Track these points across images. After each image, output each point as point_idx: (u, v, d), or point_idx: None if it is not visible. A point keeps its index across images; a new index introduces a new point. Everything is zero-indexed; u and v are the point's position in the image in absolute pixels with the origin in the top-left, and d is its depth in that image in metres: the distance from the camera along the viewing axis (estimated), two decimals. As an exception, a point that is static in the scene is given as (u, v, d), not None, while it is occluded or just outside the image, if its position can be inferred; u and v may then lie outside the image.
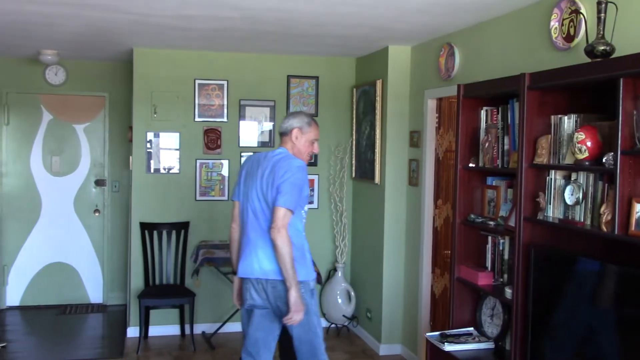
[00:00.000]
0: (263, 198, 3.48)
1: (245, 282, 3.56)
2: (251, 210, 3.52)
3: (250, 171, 3.60)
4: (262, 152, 3.68)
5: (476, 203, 4.01)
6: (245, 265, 3.53)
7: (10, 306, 6.94)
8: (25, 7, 4.22)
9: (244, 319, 3.67)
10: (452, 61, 4.70)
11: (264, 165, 3.53)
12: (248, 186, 3.56)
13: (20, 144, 6.92)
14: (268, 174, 3.48)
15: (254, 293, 3.52)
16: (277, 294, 3.47)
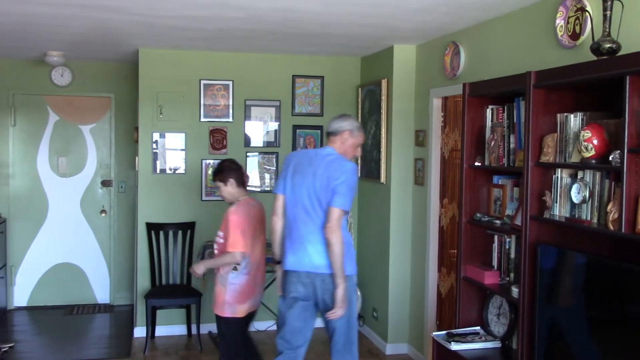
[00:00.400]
0: (315, 196, 3.61)
1: (292, 274, 3.68)
2: (301, 207, 3.65)
3: (298, 168, 3.70)
4: (309, 150, 3.85)
5: (482, 202, 4.00)
6: (294, 259, 3.67)
7: (18, 306, 6.97)
8: (31, 9, 4.23)
9: (283, 307, 3.76)
10: (458, 60, 4.69)
11: (316, 164, 3.65)
12: (297, 183, 3.67)
13: (26, 145, 6.94)
14: (321, 173, 3.61)
15: (300, 286, 3.66)
16: (326, 287, 3.61)
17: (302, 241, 3.64)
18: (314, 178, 3.62)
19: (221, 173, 4.14)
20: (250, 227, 4.06)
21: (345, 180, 3.58)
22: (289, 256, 3.69)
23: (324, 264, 3.60)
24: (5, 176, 6.84)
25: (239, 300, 4.06)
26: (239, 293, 4.05)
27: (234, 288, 4.05)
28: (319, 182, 3.60)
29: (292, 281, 3.69)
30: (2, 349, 5.48)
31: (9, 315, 6.74)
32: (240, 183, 4.17)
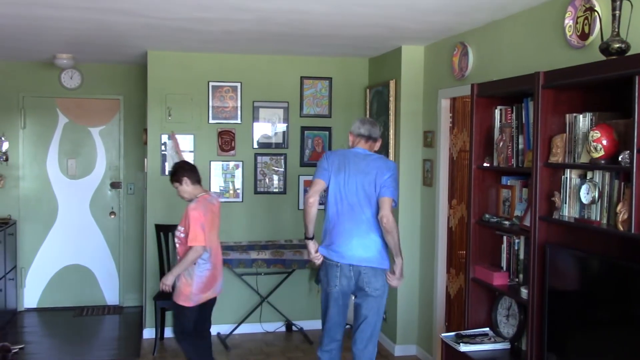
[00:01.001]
0: (364, 193, 3.93)
1: (335, 267, 3.97)
2: (347, 203, 3.95)
3: (342, 167, 3.98)
4: (346, 150, 4.11)
5: (491, 203, 3.99)
6: (339, 253, 3.96)
7: (28, 308, 7.01)
8: (40, 12, 4.26)
9: (326, 303, 4.08)
10: (466, 60, 4.68)
11: (362, 164, 3.98)
12: (343, 180, 3.96)
13: (36, 148, 6.98)
14: (370, 171, 3.95)
15: (343, 279, 3.96)
16: (366, 279, 3.94)
17: (349, 235, 3.93)
18: (364, 176, 3.94)
19: (175, 174, 4.44)
20: (209, 221, 4.33)
21: (392, 175, 3.96)
22: (333, 249, 3.98)
23: (366, 257, 3.93)
24: (16, 178, 6.89)
25: (203, 290, 4.36)
26: (204, 284, 4.36)
27: (200, 280, 4.34)
28: (367, 180, 3.92)
29: (335, 275, 3.97)
30: (13, 350, 5.51)
31: (19, 316, 6.78)
32: (195, 181, 4.45)
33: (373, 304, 4.01)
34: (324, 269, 4.06)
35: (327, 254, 4.02)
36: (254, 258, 5.76)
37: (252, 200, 6.23)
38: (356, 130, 4.10)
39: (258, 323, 6.19)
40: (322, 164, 4.05)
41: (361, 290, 3.99)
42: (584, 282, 3.11)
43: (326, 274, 4.02)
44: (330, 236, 4.01)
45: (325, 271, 4.04)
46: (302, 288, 6.32)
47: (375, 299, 4.00)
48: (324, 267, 4.05)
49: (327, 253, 4.02)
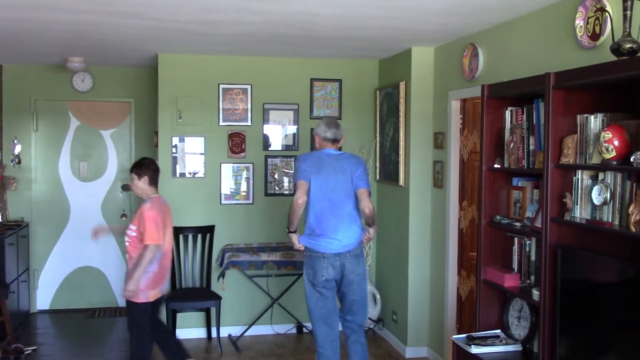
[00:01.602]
0: (343, 190, 4.32)
1: (322, 259, 4.30)
2: (329, 200, 4.31)
3: (319, 167, 4.32)
4: (319, 152, 4.43)
5: (502, 204, 3.98)
6: (325, 245, 4.29)
7: (41, 310, 7.05)
8: (52, 15, 4.29)
9: (315, 295, 4.36)
10: (476, 62, 4.67)
11: (338, 164, 4.38)
12: (322, 180, 4.31)
13: (48, 150, 7.03)
14: (345, 169, 4.35)
15: (330, 268, 4.29)
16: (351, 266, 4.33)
17: (334, 229, 4.28)
18: (341, 174, 4.33)
19: (139, 167, 4.54)
20: (162, 221, 4.46)
21: (364, 169, 4.44)
22: (320, 242, 4.30)
23: (350, 246, 4.31)
24: (28, 181, 6.94)
25: (151, 287, 4.46)
26: (152, 280, 4.46)
27: (148, 277, 4.43)
28: (344, 177, 4.33)
29: (322, 265, 4.29)
30: (26, 351, 5.54)
31: (32, 318, 6.82)
32: (153, 182, 4.57)
33: (357, 288, 4.39)
34: (309, 264, 4.36)
35: (313, 246, 4.33)
36: (264, 260, 5.77)
37: (263, 202, 6.24)
38: (322, 134, 4.44)
39: (269, 325, 6.19)
40: (300, 167, 4.34)
41: (345, 278, 4.34)
42: (596, 284, 3.09)
43: (312, 266, 4.32)
44: (315, 231, 4.32)
45: (311, 264, 4.34)
46: (313, 290, 6.32)
47: (359, 283, 4.40)
48: (310, 261, 4.35)
49: (313, 246, 4.33)
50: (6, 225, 6.29)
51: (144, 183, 4.52)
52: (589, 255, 3.11)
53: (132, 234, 4.47)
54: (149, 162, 4.61)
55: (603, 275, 3.05)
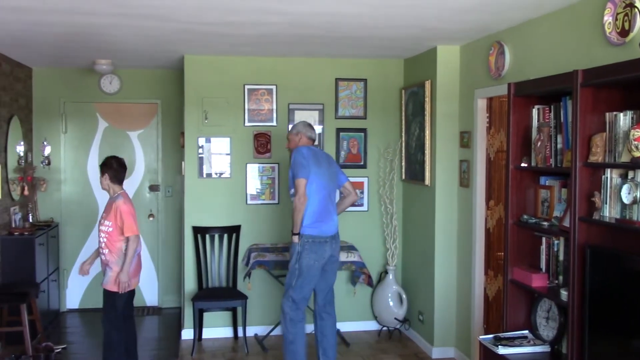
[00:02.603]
0: (332, 183, 4.90)
1: (324, 242, 4.75)
2: (325, 191, 4.80)
3: (317, 162, 4.77)
4: (313, 148, 4.86)
5: (529, 203, 3.94)
6: (326, 229, 4.77)
7: (70, 309, 7.16)
8: (80, 19, 4.35)
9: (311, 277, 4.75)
10: (502, 60, 4.63)
11: (327, 161, 4.93)
12: (320, 173, 4.77)
13: (77, 152, 7.13)
14: (330, 165, 4.93)
15: (328, 248, 4.77)
16: (336, 246, 4.87)
17: (330, 217, 4.81)
18: (330, 169, 4.89)
19: (102, 166, 4.84)
20: (135, 213, 4.77)
21: (338, 165, 5.18)
22: (322, 228, 4.74)
23: (336, 227, 4.88)
24: (57, 182, 7.05)
25: (133, 275, 4.77)
26: (134, 270, 4.77)
27: (132, 266, 4.73)
28: (332, 172, 4.90)
29: (324, 248, 4.74)
30: (56, 350, 5.63)
31: (62, 317, 6.93)
32: (116, 180, 4.81)
33: (335, 267, 4.94)
34: (313, 249, 4.70)
35: (319, 232, 4.73)
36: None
37: (288, 202, 6.25)
38: (307, 134, 4.91)
39: (295, 324, 6.20)
40: (302, 162, 4.69)
41: (332, 258, 4.82)
42: (626, 284, 3.04)
43: (315, 251, 4.71)
44: (318, 220, 4.74)
45: (315, 250, 4.71)
46: (339, 290, 6.29)
47: (337, 262, 4.95)
48: (314, 247, 4.70)
49: (319, 232, 4.73)
50: (36, 225, 6.40)
51: (106, 180, 4.78)
52: (619, 255, 3.06)
53: (109, 229, 4.69)
54: (111, 161, 4.83)
55: (633, 276, 3.00)
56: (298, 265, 4.72)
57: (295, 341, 4.79)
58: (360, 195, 6.31)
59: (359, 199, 4.86)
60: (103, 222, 4.75)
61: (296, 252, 4.71)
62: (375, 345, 5.94)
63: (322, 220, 4.76)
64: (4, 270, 5.79)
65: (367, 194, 6.35)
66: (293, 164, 4.72)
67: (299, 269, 4.72)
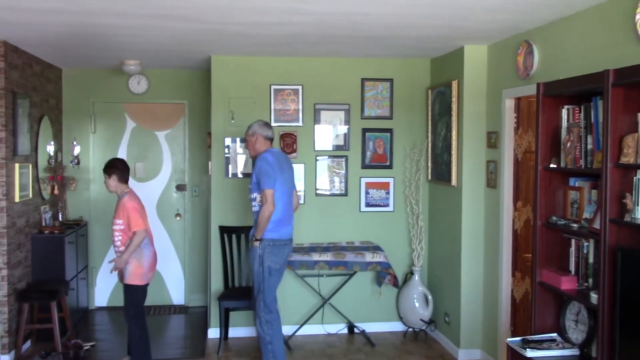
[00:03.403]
0: (292, 185, 5.03)
1: (285, 245, 4.88)
2: (287, 196, 4.90)
3: (280, 167, 4.85)
4: (275, 151, 4.99)
5: (558, 205, 3.89)
6: (287, 232, 4.91)
7: (99, 306, 7.25)
8: (109, 20, 4.41)
9: (276, 279, 4.89)
10: (531, 59, 4.58)
11: (287, 164, 5.03)
12: (283, 179, 4.85)
13: (106, 151, 7.21)
14: (291, 167, 5.07)
15: (288, 250, 4.93)
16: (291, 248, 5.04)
17: (290, 220, 4.96)
18: (291, 173, 5.04)
19: (109, 168, 5.02)
20: (143, 210, 4.98)
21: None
22: (284, 231, 4.87)
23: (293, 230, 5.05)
24: (86, 181, 7.14)
25: (151, 269, 5.02)
26: (151, 263, 5.00)
27: (148, 260, 4.97)
28: (291, 175, 5.04)
29: (284, 251, 4.89)
30: (84, 347, 5.71)
31: (90, 314, 7.02)
32: (122, 180, 5.03)
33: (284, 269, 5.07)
34: (274, 252, 4.80)
35: (280, 235, 4.84)
36: (315, 260, 5.79)
37: (314, 203, 6.27)
38: (264, 134, 4.93)
39: (320, 324, 6.21)
40: (268, 171, 4.74)
41: (287, 259, 5.00)
42: (658, 288, 2.99)
43: (276, 253, 4.82)
44: (279, 223, 4.82)
45: (276, 252, 4.82)
46: (364, 290, 6.31)
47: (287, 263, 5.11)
48: (275, 249, 4.81)
49: (280, 235, 4.84)
50: (66, 224, 6.49)
51: (114, 181, 4.99)
52: (651, 258, 3.01)
53: (121, 227, 4.91)
54: (116, 162, 5.08)
55: (666, 279, 2.95)
56: (262, 269, 4.79)
57: (273, 341, 4.88)
58: (386, 195, 6.31)
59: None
60: (114, 221, 4.95)
61: (257, 255, 4.78)
62: (400, 347, 5.92)
63: (282, 224, 4.86)
64: (35, 268, 5.88)
65: (392, 194, 6.33)
66: (259, 172, 4.75)
67: (264, 272, 4.79)
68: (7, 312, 5.31)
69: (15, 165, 5.43)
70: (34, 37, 5.10)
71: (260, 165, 4.76)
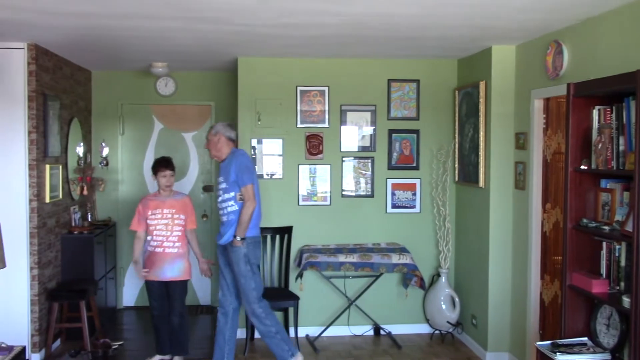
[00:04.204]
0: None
1: (260, 240, 5.05)
2: (260, 194, 5.01)
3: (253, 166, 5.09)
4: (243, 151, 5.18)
5: (589, 207, 3.83)
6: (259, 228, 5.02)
7: (127, 306, 7.33)
8: (138, 23, 4.45)
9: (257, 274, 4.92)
10: (561, 59, 4.52)
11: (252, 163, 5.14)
12: (256, 176, 5.00)
13: (134, 153, 7.30)
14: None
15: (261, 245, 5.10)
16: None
17: (261, 216, 5.07)
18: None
19: (171, 165, 5.28)
20: None
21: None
22: (258, 227, 4.99)
23: None
24: (115, 182, 7.22)
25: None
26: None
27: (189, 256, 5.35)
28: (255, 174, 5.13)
29: (259, 245, 5.03)
30: (113, 346, 5.78)
31: (119, 314, 7.10)
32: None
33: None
34: (256, 247, 4.92)
35: (257, 233, 4.95)
36: (342, 261, 5.78)
37: (340, 204, 6.26)
38: (226, 134, 4.99)
39: (346, 326, 6.20)
40: (249, 167, 4.91)
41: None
42: (693, 292, 2.93)
43: (258, 249, 4.96)
44: (256, 220, 4.94)
45: (257, 248, 4.96)
46: (390, 292, 6.29)
47: None
48: (256, 246, 4.94)
49: (256, 232, 4.95)
50: (95, 224, 6.57)
51: (173, 177, 5.31)
52: (686, 262, 2.95)
53: (183, 222, 5.25)
54: (171, 160, 5.35)
55: (701, 283, 2.89)
56: (250, 266, 4.84)
57: (280, 329, 4.97)
58: (412, 196, 6.28)
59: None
60: (177, 216, 5.21)
61: (242, 255, 4.81)
62: (427, 349, 5.88)
63: (259, 220, 5.02)
64: (64, 267, 5.97)
65: (419, 195, 6.30)
66: (240, 168, 4.80)
67: (251, 269, 4.86)
68: (38, 311, 5.39)
69: (45, 167, 5.51)
70: (64, 40, 5.18)
71: (241, 160, 4.83)
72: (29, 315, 5.35)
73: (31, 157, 5.31)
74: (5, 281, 5.17)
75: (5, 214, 5.07)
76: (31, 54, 5.27)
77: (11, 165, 5.26)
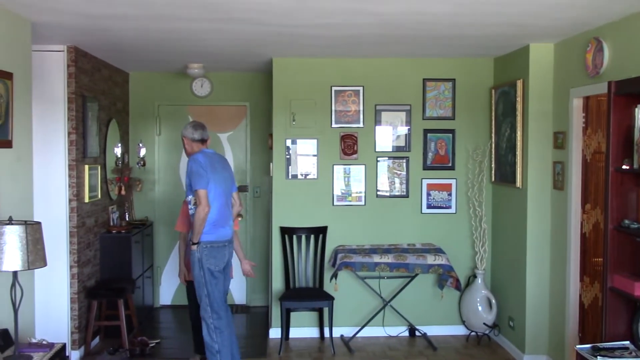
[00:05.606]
0: (228, 188, 4.84)
1: (223, 247, 4.74)
2: (223, 197, 4.76)
3: (213, 168, 4.69)
4: (208, 152, 4.81)
5: (631, 208, 3.75)
6: (224, 234, 4.75)
7: (163, 305, 7.42)
8: (175, 25, 4.50)
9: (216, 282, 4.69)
10: (601, 57, 4.43)
11: (221, 164, 4.84)
12: (217, 179, 4.70)
13: (170, 153, 7.38)
14: (227, 168, 4.92)
15: (227, 253, 4.79)
16: (231, 251, 4.89)
17: (227, 221, 4.79)
18: (227, 173, 4.87)
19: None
20: None
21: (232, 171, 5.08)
22: (221, 233, 4.72)
23: (232, 235, 4.86)
24: (152, 182, 7.32)
25: None
26: None
27: None
28: (228, 176, 4.88)
29: (223, 252, 4.74)
30: (150, 344, 5.85)
31: (156, 312, 7.19)
32: None
33: (229, 271, 4.90)
34: (212, 254, 4.66)
35: (217, 237, 4.69)
36: (377, 262, 5.76)
37: (374, 204, 6.24)
38: (191, 136, 4.80)
39: (381, 327, 6.18)
40: (199, 172, 4.60)
41: (228, 261, 4.84)
42: None
43: (215, 255, 4.69)
44: (216, 225, 4.70)
45: (214, 255, 4.68)
46: (426, 293, 6.24)
47: (230, 266, 4.92)
48: (213, 252, 4.67)
49: (217, 237, 4.69)
50: (132, 224, 6.66)
51: None
52: None
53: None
54: None
55: None
56: (203, 272, 4.65)
57: (222, 350, 4.70)
58: (448, 197, 6.23)
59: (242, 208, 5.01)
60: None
61: (197, 259, 4.65)
62: (463, 351, 5.82)
63: (219, 225, 4.73)
64: (103, 266, 6.06)
65: (455, 196, 6.24)
66: (190, 173, 4.63)
67: (204, 275, 4.65)
68: (77, 309, 5.49)
69: (84, 167, 5.61)
70: (102, 43, 5.27)
71: (190, 166, 4.64)
72: (69, 313, 5.46)
73: (71, 158, 5.41)
74: (45, 280, 5.27)
75: (45, 213, 5.17)
76: (70, 56, 5.37)
77: (51, 166, 5.37)
